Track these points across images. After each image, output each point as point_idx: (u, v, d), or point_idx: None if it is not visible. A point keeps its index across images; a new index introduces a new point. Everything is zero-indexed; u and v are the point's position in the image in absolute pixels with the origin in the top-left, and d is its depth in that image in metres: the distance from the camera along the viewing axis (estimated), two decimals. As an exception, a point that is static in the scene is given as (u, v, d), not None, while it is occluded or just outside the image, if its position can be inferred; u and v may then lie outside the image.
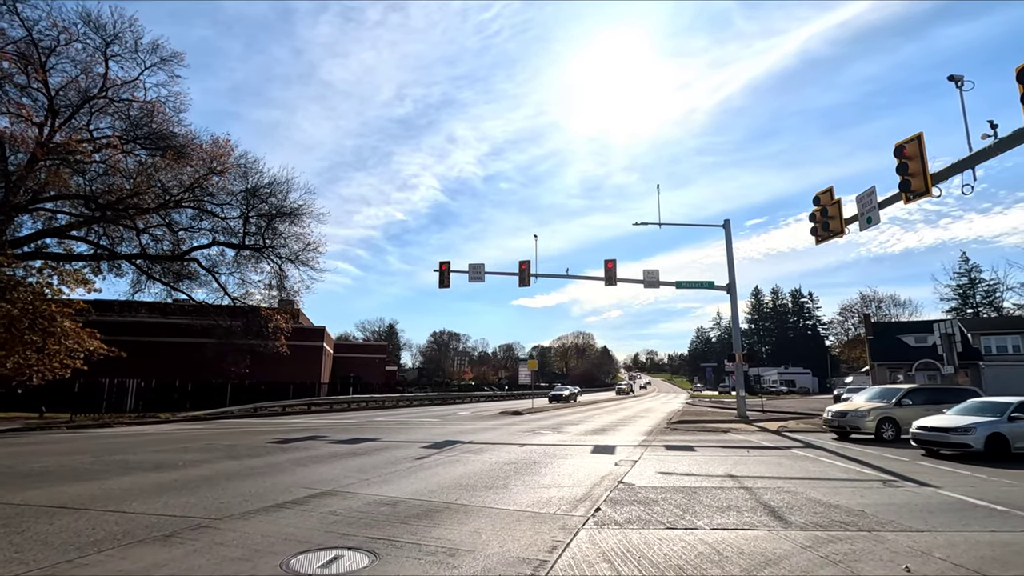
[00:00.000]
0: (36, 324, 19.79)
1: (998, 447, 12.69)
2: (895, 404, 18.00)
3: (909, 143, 12.70)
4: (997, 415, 13.24)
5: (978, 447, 12.65)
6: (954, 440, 13.08)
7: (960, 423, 13.29)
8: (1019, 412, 13.07)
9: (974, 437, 12.75)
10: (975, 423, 13.02)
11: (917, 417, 15.48)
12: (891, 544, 5.69)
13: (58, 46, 22.57)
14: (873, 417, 17.66)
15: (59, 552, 4.94)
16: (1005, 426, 12.92)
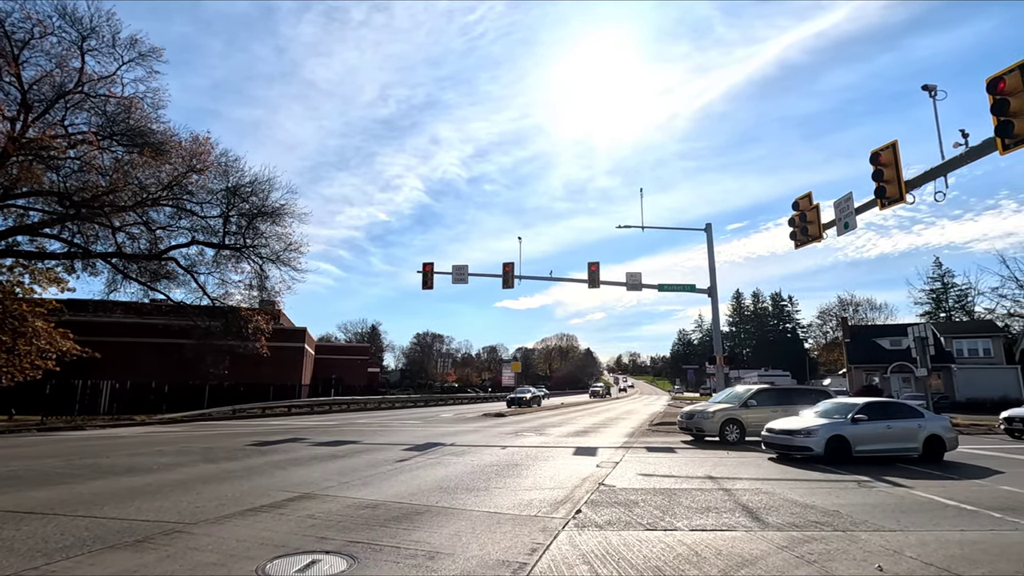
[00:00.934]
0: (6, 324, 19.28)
1: (839, 450, 12.19)
2: (741, 405, 17.44)
3: (884, 151, 12.99)
4: (842, 417, 12.80)
5: (818, 450, 12.11)
6: (797, 443, 12.53)
7: (803, 425, 12.75)
8: (863, 414, 12.69)
9: (815, 440, 12.22)
10: (818, 425, 12.50)
11: (766, 419, 15.01)
12: (864, 543, 5.79)
13: (32, 39, 22.01)
14: (718, 419, 17.10)
15: (26, 559, 4.81)
16: (848, 428, 12.47)
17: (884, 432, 12.67)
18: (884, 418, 12.88)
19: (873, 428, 12.59)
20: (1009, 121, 9.84)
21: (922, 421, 13.06)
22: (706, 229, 26.52)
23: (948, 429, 13.23)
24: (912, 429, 12.89)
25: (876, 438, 12.58)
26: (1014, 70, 9.78)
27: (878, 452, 12.59)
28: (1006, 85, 9.85)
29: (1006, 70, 9.89)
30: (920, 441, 12.77)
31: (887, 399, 16.13)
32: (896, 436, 12.76)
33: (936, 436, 12.87)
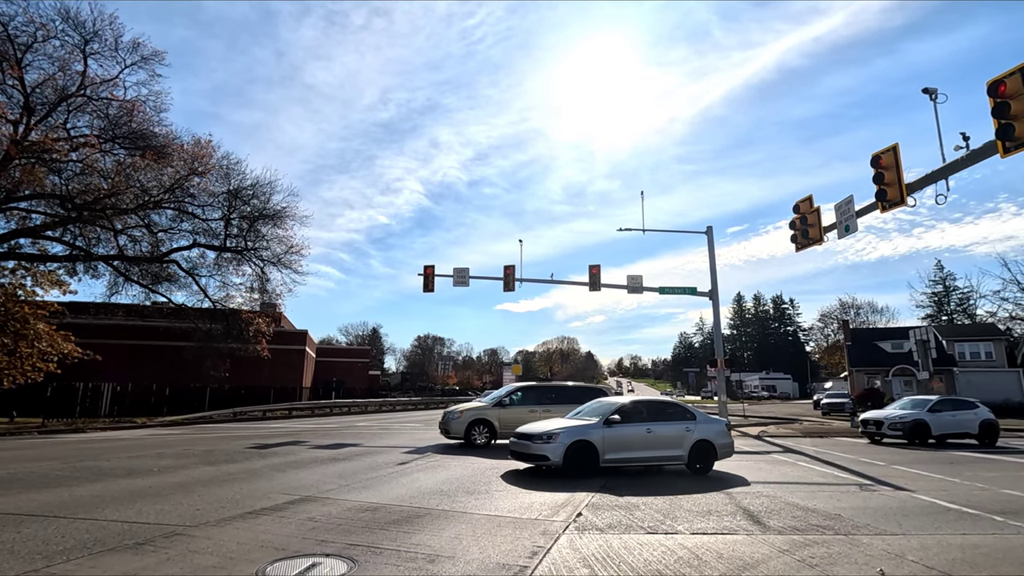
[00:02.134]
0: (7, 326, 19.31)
1: (583, 459, 10.16)
2: (495, 404, 15.57)
3: (885, 154, 12.98)
4: (598, 418, 10.84)
5: (555, 459, 9.96)
6: (533, 451, 10.31)
7: (545, 429, 10.67)
8: (618, 415, 10.76)
9: (553, 447, 10.05)
10: (560, 429, 10.40)
11: (523, 420, 13.53)
12: (866, 547, 5.78)
13: (35, 42, 22.11)
14: (465, 419, 15.18)
15: (26, 561, 4.80)
16: (597, 432, 10.39)
17: (643, 438, 10.72)
18: (645, 420, 11.01)
19: (629, 432, 10.64)
20: (1010, 124, 9.84)
21: (692, 424, 11.25)
22: (707, 232, 26.51)
23: (722, 434, 11.46)
24: (677, 434, 11.04)
25: (632, 444, 10.60)
26: (1015, 73, 9.78)
27: (634, 461, 10.72)
28: (1007, 88, 9.85)
29: (1007, 73, 9.90)
30: (687, 448, 10.96)
31: (662, 398, 13.32)
32: (658, 442, 10.87)
33: (706, 442, 11.12)
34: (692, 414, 11.64)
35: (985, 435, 18.42)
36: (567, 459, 10.04)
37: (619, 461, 10.56)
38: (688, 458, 10.98)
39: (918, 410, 18.73)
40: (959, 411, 18.89)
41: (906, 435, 18.06)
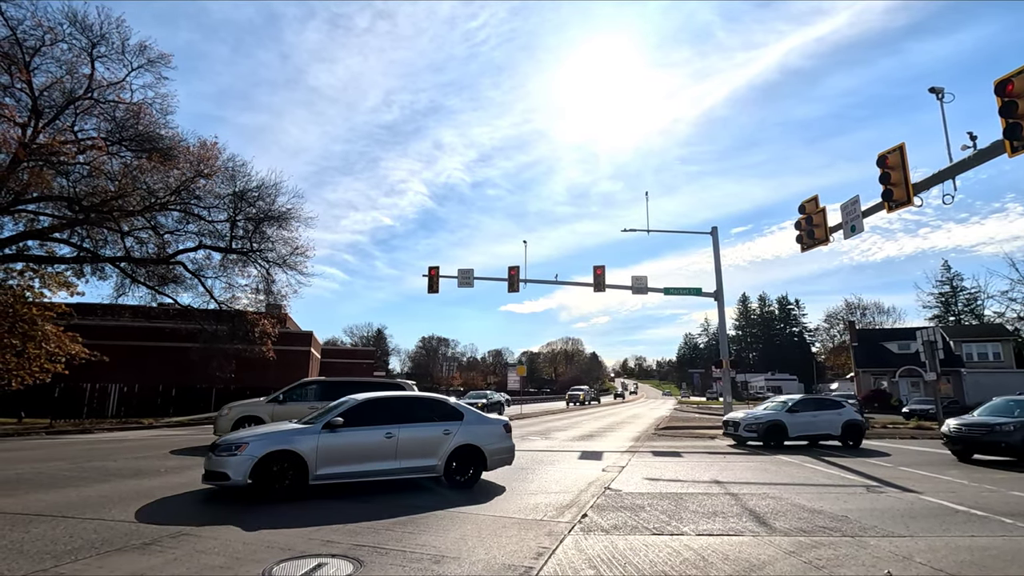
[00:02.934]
0: (16, 327, 19.44)
1: (283, 476, 7.69)
2: (270, 400, 14.19)
3: (891, 153, 12.92)
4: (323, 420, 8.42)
5: (238, 478, 7.44)
6: (212, 466, 7.74)
7: (238, 436, 8.20)
8: (343, 416, 8.36)
9: (238, 461, 7.49)
10: (252, 436, 7.96)
11: (291, 416, 11.95)
12: (873, 549, 5.74)
13: (43, 46, 22.26)
14: (233, 415, 13.80)
15: (34, 561, 4.84)
16: (308, 440, 7.94)
17: (380, 445, 8.41)
18: (386, 422, 8.60)
19: (360, 439, 8.32)
20: (1018, 123, 9.77)
21: (454, 425, 9.04)
22: (712, 232, 26.45)
23: (496, 437, 9.40)
24: (432, 439, 8.83)
25: (362, 454, 8.27)
26: (1022, 72, 9.73)
27: (364, 475, 8.24)
28: (1014, 87, 9.79)
29: (1014, 72, 9.84)
30: (443, 456, 8.77)
31: (414, 393, 10.75)
32: (403, 450, 8.55)
33: (471, 448, 8.99)
34: (457, 412, 9.34)
35: (848, 436, 17.52)
36: (257, 476, 7.51)
37: (340, 476, 8.04)
38: (445, 468, 8.73)
39: (776, 411, 17.88)
40: (822, 411, 17.89)
41: (761, 437, 17.01)
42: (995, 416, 14.28)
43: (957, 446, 14.54)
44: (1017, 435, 13.20)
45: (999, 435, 13.42)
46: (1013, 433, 13.26)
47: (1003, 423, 13.58)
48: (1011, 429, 13.34)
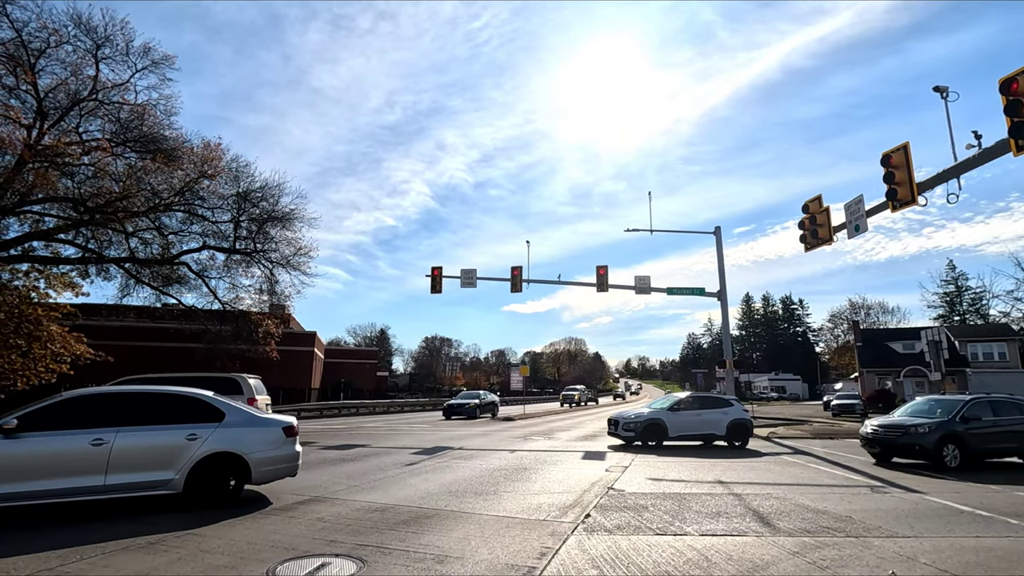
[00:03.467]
0: (21, 328, 19.51)
1: None
2: None
3: (896, 152, 12.88)
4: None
5: None
6: None
7: None
8: (17, 420, 6.53)
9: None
10: None
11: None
12: (878, 550, 5.73)
13: (48, 48, 22.37)
14: None
15: (41, 560, 4.87)
16: None
17: (82, 456, 6.59)
18: (99, 425, 6.82)
19: (50, 451, 6.48)
20: (1023, 122, 9.74)
21: (207, 429, 7.36)
22: (715, 232, 26.40)
23: (269, 443, 7.78)
24: (167, 447, 7.07)
25: (56, 468, 6.45)
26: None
27: (45, 496, 6.38)
28: (1019, 86, 9.75)
29: (1020, 71, 9.79)
30: (183, 469, 7.06)
31: (149, 388, 7.96)
32: (118, 462, 6.74)
33: (229, 456, 7.36)
34: (215, 412, 7.60)
35: (733, 436, 16.88)
36: None
37: (11, 499, 6.20)
38: (186, 483, 7.05)
39: (657, 409, 17.18)
40: (707, 410, 17.17)
41: (638, 436, 16.25)
42: (914, 417, 13.61)
43: (875, 448, 13.90)
44: (931, 437, 12.46)
45: (913, 437, 12.77)
46: (928, 435, 12.54)
47: (918, 424, 12.95)
48: (926, 431, 12.63)
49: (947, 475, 11.53)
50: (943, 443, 12.38)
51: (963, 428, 12.54)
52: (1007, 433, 13.00)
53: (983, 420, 12.84)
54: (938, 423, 12.66)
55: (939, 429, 12.49)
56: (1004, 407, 13.41)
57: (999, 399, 13.87)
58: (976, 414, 12.86)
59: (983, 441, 12.75)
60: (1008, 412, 13.29)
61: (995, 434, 12.89)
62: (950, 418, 12.70)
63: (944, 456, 12.36)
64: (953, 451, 12.42)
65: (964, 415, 12.73)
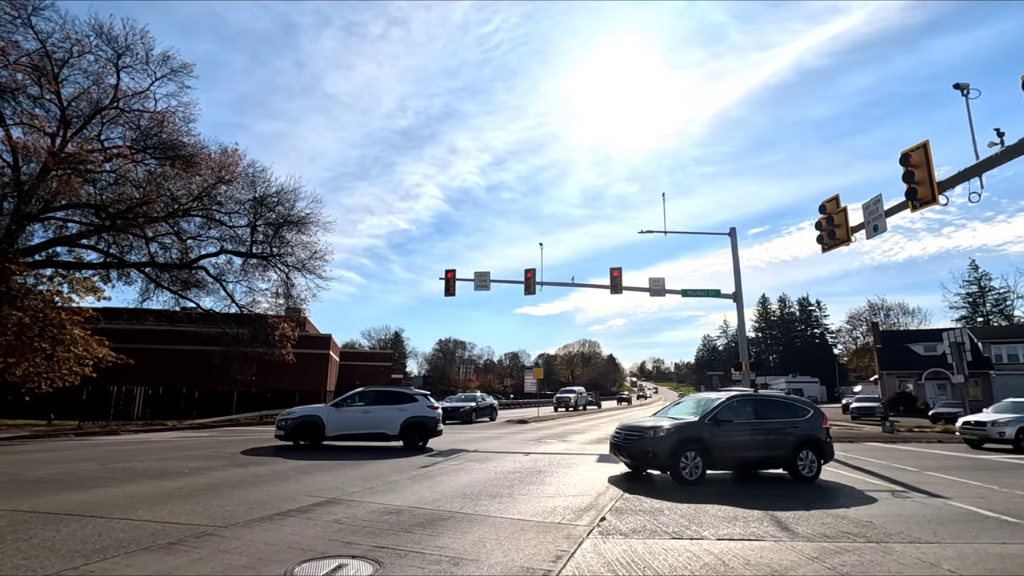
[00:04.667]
0: (46, 332, 19.96)
1: None
2: None
3: (915, 151, 12.66)
4: None
5: None
6: None
7: None
8: None
9: None
10: None
11: None
12: (899, 556, 5.63)
13: (71, 58, 22.93)
14: None
15: (65, 559, 4.97)
16: None
17: None
18: None
19: None
20: (1047, 119, 9.52)
21: None
22: (730, 233, 26.14)
23: None
24: None
25: None
26: (1051, 66, 9.46)
27: None
28: (1043, 82, 9.53)
29: (1043, 66, 9.57)
30: None
31: None
32: None
33: None
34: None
35: (408, 436, 15.47)
36: None
37: None
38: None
39: (320, 407, 16.03)
40: (381, 406, 15.55)
41: (289, 435, 15.05)
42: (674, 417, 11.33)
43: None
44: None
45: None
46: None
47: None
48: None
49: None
50: (681, 450, 10.06)
51: (709, 433, 10.36)
52: (757, 440, 10.79)
53: (734, 423, 10.75)
54: (678, 426, 10.42)
55: (676, 433, 10.25)
56: (773, 408, 11.50)
57: (765, 398, 11.97)
58: (729, 416, 10.76)
59: (727, 448, 10.44)
60: (775, 414, 11.29)
61: (742, 442, 10.67)
62: (698, 420, 10.65)
63: (682, 467, 10.02)
64: (694, 460, 10.06)
65: (718, 417, 10.66)
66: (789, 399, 12.19)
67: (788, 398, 12.34)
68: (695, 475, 10.05)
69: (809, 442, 11.08)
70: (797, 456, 10.87)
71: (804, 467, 10.88)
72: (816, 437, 11.24)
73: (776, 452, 10.88)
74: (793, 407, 11.70)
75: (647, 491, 9.39)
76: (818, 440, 11.23)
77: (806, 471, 10.87)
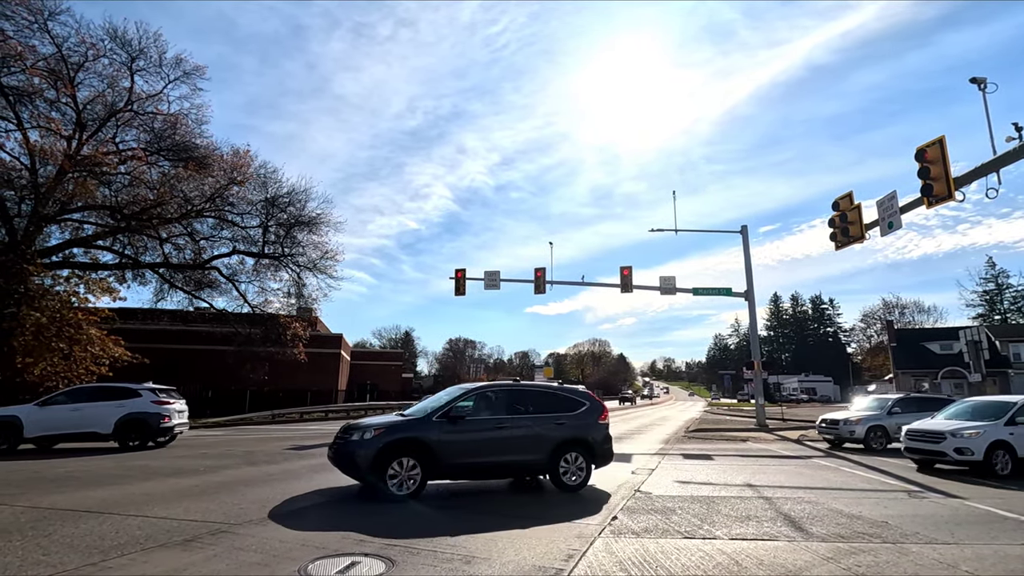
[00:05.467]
0: (63, 332, 20.28)
1: None
2: None
3: (931, 147, 12.49)
4: None
5: None
6: None
7: None
8: None
9: None
10: None
11: None
12: (916, 557, 5.55)
13: (86, 62, 23.25)
14: None
15: (84, 555, 5.05)
16: None
17: None
18: None
19: None
20: (1067, 113, 9.34)
21: None
22: (742, 231, 25.98)
23: None
24: None
25: None
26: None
27: None
28: (1063, 75, 9.36)
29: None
30: None
31: None
32: None
33: None
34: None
35: (124, 435, 14.10)
36: None
37: None
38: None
39: (25, 405, 14.28)
40: (95, 403, 14.24)
41: None
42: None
43: None
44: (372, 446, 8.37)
45: (351, 446, 8.40)
46: (367, 444, 8.15)
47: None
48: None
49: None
50: (390, 457, 7.87)
51: (438, 434, 8.24)
52: (504, 441, 8.70)
53: (472, 420, 8.71)
54: (389, 426, 8.35)
55: (386, 435, 8.11)
56: (532, 401, 9.40)
57: (524, 389, 9.81)
58: (465, 412, 8.79)
59: (460, 452, 8.37)
60: (533, 409, 9.24)
61: (481, 442, 8.58)
62: (424, 417, 8.61)
63: (391, 478, 7.82)
64: (411, 468, 7.91)
65: (451, 413, 8.56)
66: (561, 390, 10.15)
67: (560, 388, 10.29)
68: (407, 488, 7.80)
69: (576, 442, 9.17)
70: (560, 459, 8.94)
71: (568, 473, 8.97)
72: (587, 437, 9.32)
73: (530, 456, 8.83)
74: (562, 400, 9.67)
75: (658, 491, 9.34)
76: (589, 440, 9.32)
77: (570, 478, 8.96)
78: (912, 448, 12.63)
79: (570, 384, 70.00)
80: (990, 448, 11.23)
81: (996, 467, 11.20)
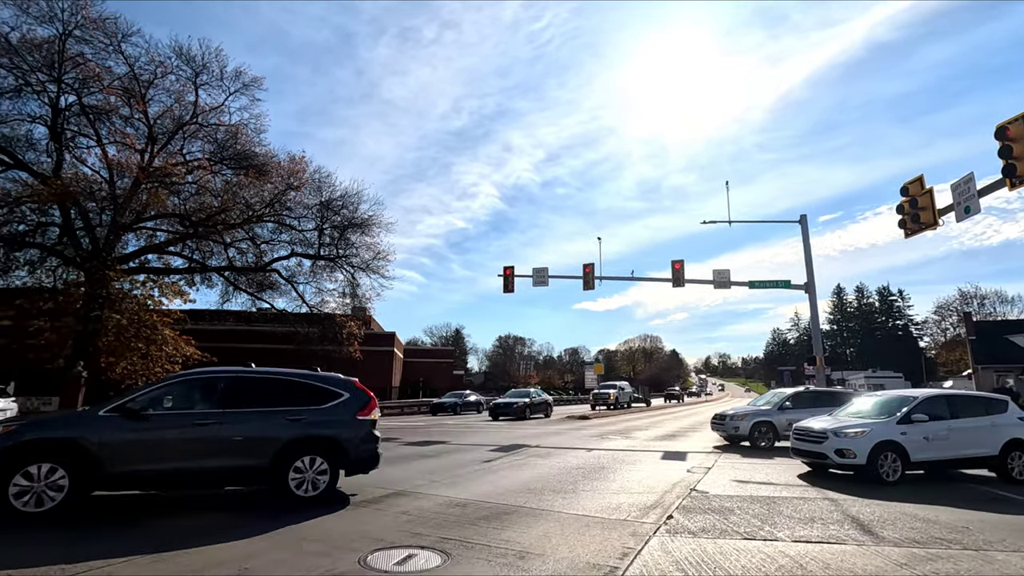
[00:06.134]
0: (141, 332, 21.78)
1: None
2: None
3: (1013, 123, 11.51)
4: None
5: None
6: None
7: None
8: None
9: None
10: None
11: None
12: (1001, 565, 5.17)
13: (155, 79, 24.81)
14: None
15: (153, 545, 5.41)
16: None
17: None
18: None
19: None
20: None
21: None
22: (801, 221, 24.84)
23: None
24: None
25: None
26: None
27: None
28: None
29: None
30: None
31: None
32: None
33: None
34: None
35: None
36: None
37: None
38: None
39: None
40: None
41: None
42: None
43: None
44: None
45: None
46: None
47: None
48: None
49: None
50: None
51: (113, 435, 6.70)
52: (206, 443, 7.06)
53: (163, 416, 7.07)
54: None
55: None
56: (259, 392, 7.83)
57: (254, 376, 8.16)
58: (153, 406, 7.10)
59: (140, 457, 6.77)
60: (260, 403, 7.62)
61: (169, 446, 6.93)
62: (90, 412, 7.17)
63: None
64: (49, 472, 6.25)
65: (128, 406, 6.90)
66: (310, 377, 8.23)
67: (309, 376, 8.28)
68: (46, 504, 6.18)
69: (316, 443, 7.54)
70: (291, 465, 7.30)
71: (303, 482, 7.34)
72: (334, 436, 7.69)
73: (243, 460, 7.17)
74: (306, 390, 7.95)
75: (715, 490, 9.09)
76: (337, 440, 7.68)
77: (305, 487, 7.33)
78: (797, 449, 11.26)
79: (618, 380, 65.18)
80: (875, 450, 9.67)
81: (882, 472, 9.64)
